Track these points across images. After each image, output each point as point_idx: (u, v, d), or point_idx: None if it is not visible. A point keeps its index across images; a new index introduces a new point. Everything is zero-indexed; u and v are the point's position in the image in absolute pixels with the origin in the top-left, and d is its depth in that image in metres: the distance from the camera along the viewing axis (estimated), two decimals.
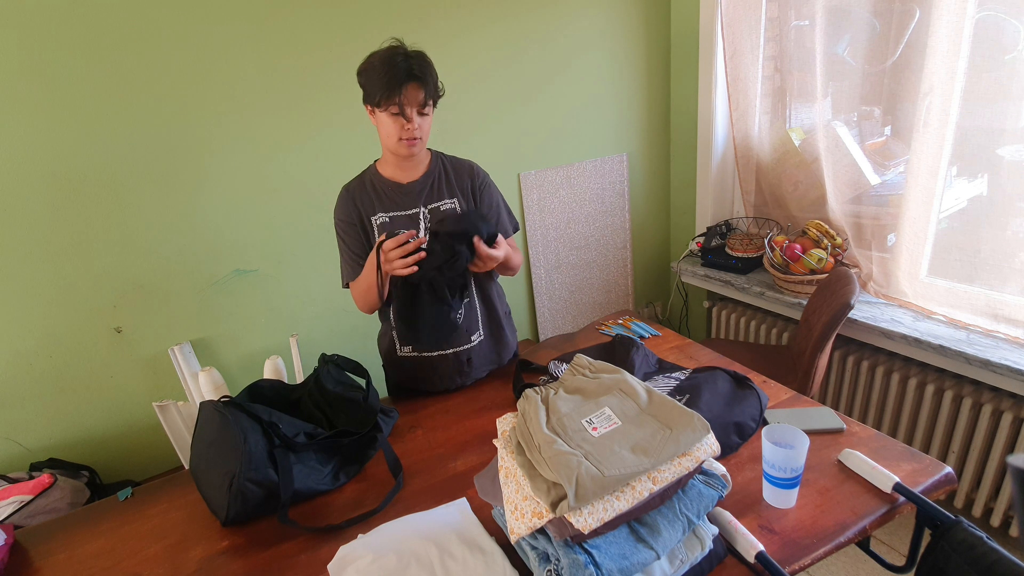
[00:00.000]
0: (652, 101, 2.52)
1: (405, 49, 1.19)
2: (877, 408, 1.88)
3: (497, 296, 1.48)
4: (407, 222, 1.34)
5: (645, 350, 1.41)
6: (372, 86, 1.19)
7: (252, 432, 1.02)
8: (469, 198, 1.38)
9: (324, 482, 1.08)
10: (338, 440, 1.11)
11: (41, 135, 1.52)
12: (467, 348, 1.41)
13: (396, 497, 1.07)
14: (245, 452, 0.99)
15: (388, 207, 1.33)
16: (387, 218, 1.33)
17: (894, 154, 1.92)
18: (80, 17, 1.49)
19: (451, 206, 1.34)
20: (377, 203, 1.33)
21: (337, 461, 1.12)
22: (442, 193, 1.35)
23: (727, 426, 1.07)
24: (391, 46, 1.19)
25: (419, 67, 1.18)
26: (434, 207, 1.34)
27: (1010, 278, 1.61)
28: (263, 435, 1.03)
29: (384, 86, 1.16)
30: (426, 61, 1.20)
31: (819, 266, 1.92)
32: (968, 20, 1.49)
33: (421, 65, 1.18)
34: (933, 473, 0.95)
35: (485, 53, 2.07)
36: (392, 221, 1.34)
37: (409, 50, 1.20)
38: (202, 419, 1.09)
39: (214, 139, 1.72)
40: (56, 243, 1.60)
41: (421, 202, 1.33)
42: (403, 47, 1.19)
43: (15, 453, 1.69)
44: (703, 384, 1.19)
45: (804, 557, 0.83)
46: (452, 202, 1.35)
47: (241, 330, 1.92)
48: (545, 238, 2.44)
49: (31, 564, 1.00)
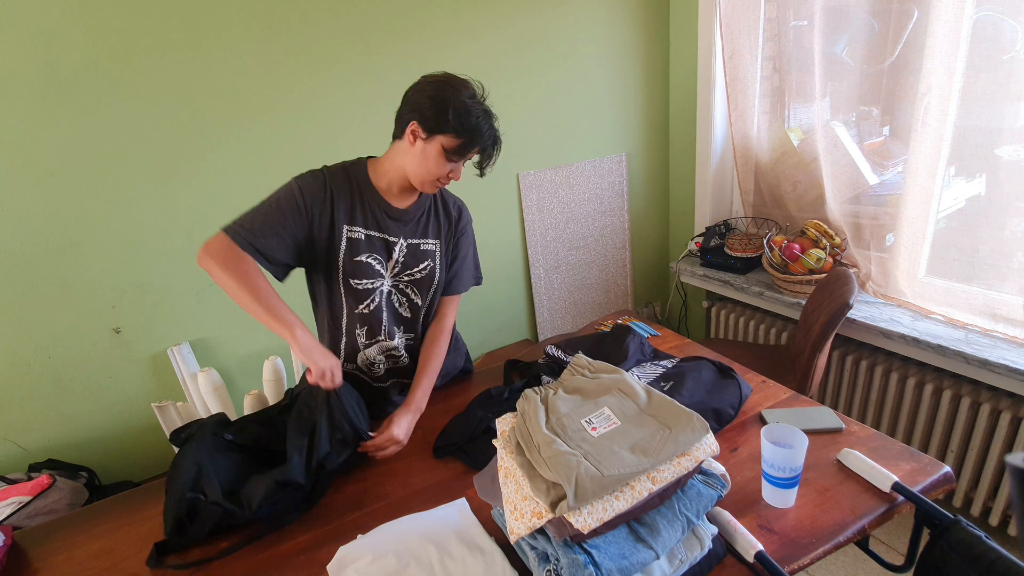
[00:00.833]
0: (651, 101, 2.52)
1: (489, 109, 1.16)
2: (876, 408, 1.89)
3: None
4: (383, 248, 1.21)
5: (641, 339, 1.42)
6: (458, 126, 1.09)
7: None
8: (447, 241, 1.29)
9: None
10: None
11: (40, 134, 1.52)
12: (408, 383, 1.31)
13: (396, 497, 1.07)
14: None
15: (371, 224, 1.19)
16: (363, 235, 1.19)
17: (892, 154, 1.92)
18: (80, 17, 1.49)
19: (432, 248, 1.27)
20: (359, 213, 1.18)
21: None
22: (427, 231, 1.26)
23: (706, 412, 1.12)
24: (480, 95, 1.14)
25: (495, 140, 1.17)
26: (414, 243, 1.24)
27: (1008, 278, 1.61)
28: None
29: (471, 138, 1.11)
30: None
31: (818, 266, 1.92)
32: (966, 20, 1.49)
33: (499, 137, 1.18)
34: (932, 472, 0.95)
35: (485, 53, 2.07)
36: (368, 242, 1.19)
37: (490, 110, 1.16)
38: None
39: (214, 138, 1.72)
40: (55, 243, 1.59)
41: (404, 233, 1.23)
42: (487, 105, 1.16)
43: (13, 454, 1.68)
44: (687, 372, 1.24)
45: (803, 557, 0.83)
46: (434, 244, 1.27)
47: (240, 331, 1.92)
48: (544, 238, 2.44)
49: (30, 565, 1.00)
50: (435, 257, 1.27)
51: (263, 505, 0.96)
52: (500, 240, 2.35)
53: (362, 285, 1.21)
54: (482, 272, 1.43)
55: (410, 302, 1.28)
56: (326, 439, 1.05)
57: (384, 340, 1.28)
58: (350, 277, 1.20)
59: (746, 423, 1.15)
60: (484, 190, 2.23)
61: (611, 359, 1.27)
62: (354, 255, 1.19)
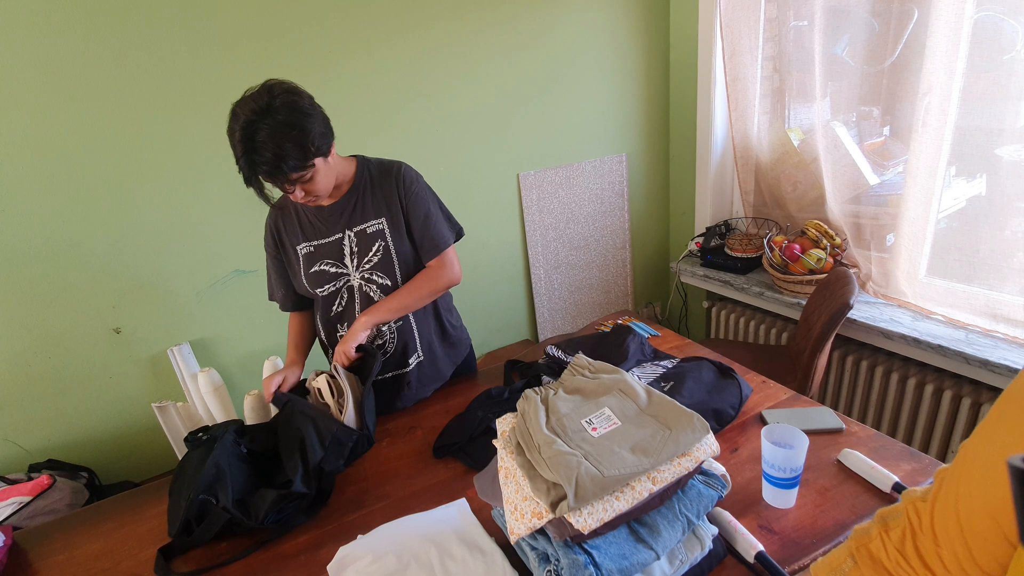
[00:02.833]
0: (651, 101, 2.52)
1: (254, 127, 1.01)
2: (876, 408, 1.88)
3: (445, 309, 1.42)
4: (332, 250, 1.25)
5: (641, 339, 1.42)
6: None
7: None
8: (397, 212, 1.25)
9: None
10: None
11: (41, 134, 1.52)
12: (405, 372, 1.35)
13: (396, 497, 1.06)
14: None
15: (310, 235, 1.25)
16: (311, 248, 1.25)
17: (893, 154, 1.92)
18: (80, 17, 1.49)
19: (378, 227, 1.24)
20: (300, 231, 1.26)
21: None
22: (367, 213, 1.24)
23: (706, 412, 1.11)
24: (244, 120, 1.01)
25: (269, 163, 1.03)
26: (360, 230, 1.24)
27: (1009, 278, 1.61)
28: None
29: (243, 174, 1.06)
30: (280, 146, 1.02)
31: (818, 266, 1.92)
32: (967, 20, 1.49)
33: (273, 160, 1.02)
34: (932, 473, 0.95)
35: (485, 53, 2.07)
36: (316, 251, 1.25)
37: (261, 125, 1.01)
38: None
39: (214, 138, 1.72)
40: (55, 243, 1.59)
41: (344, 225, 1.24)
42: (253, 123, 1.01)
43: (14, 454, 1.68)
44: (688, 372, 1.24)
45: (804, 557, 0.83)
46: (379, 223, 1.24)
47: (240, 331, 1.92)
48: (544, 238, 2.44)
49: (30, 565, 1.00)
50: (384, 235, 1.25)
51: (269, 513, 0.98)
52: (500, 240, 2.35)
53: (325, 291, 1.28)
54: (458, 222, 1.36)
55: (381, 286, 1.28)
56: (317, 445, 1.06)
57: None
58: (315, 288, 1.28)
59: (746, 423, 1.15)
60: (484, 190, 2.24)
61: (611, 359, 1.27)
62: (309, 268, 1.26)
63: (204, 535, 0.96)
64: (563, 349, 1.43)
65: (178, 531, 0.96)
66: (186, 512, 0.96)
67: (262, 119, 1.02)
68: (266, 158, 1.03)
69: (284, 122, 1.03)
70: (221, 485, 1.00)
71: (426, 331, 1.37)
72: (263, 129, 1.02)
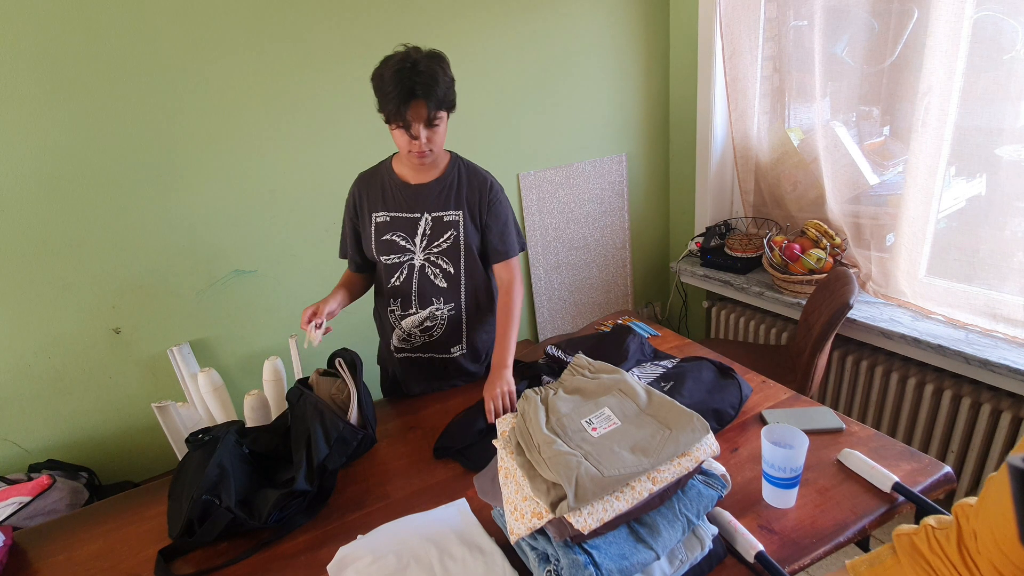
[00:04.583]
0: (651, 101, 2.52)
1: (415, 60, 1.13)
2: (876, 408, 1.88)
3: (492, 313, 1.45)
4: (407, 225, 1.32)
5: (641, 339, 1.42)
6: (380, 101, 1.17)
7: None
8: (476, 212, 1.34)
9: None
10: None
11: (41, 135, 1.51)
12: (447, 358, 1.42)
13: (396, 497, 1.07)
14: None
15: (391, 206, 1.33)
16: (388, 218, 1.33)
17: (893, 154, 1.92)
18: (80, 17, 1.49)
19: (455, 218, 1.32)
20: (381, 200, 1.34)
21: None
22: (449, 203, 1.33)
23: (706, 412, 1.12)
24: (402, 56, 1.14)
25: (425, 83, 1.13)
26: (438, 216, 1.32)
27: (1008, 277, 1.61)
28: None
29: (390, 103, 1.14)
30: (435, 73, 1.15)
31: (818, 266, 1.92)
32: (966, 20, 1.49)
33: (429, 81, 1.13)
34: (932, 473, 0.95)
35: (485, 53, 2.07)
36: (392, 222, 1.33)
37: (420, 58, 1.14)
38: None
39: (213, 139, 1.72)
40: (55, 243, 1.59)
41: (427, 208, 1.32)
42: (413, 57, 1.14)
43: (13, 454, 1.68)
44: (688, 372, 1.24)
45: (804, 557, 0.83)
46: (457, 214, 1.32)
47: (240, 331, 1.92)
48: (544, 238, 2.44)
49: (30, 565, 1.00)
50: (459, 227, 1.33)
51: (272, 513, 0.98)
52: None
53: (390, 260, 1.35)
54: (524, 239, 1.47)
55: (444, 272, 1.35)
56: (323, 442, 1.06)
57: (415, 312, 1.37)
58: (381, 255, 1.35)
59: (746, 423, 1.15)
60: None
61: (611, 359, 1.27)
62: (381, 236, 1.33)
63: (206, 535, 0.96)
64: (563, 349, 1.43)
65: (180, 532, 0.96)
66: (188, 512, 0.96)
67: (420, 56, 1.15)
68: (424, 78, 1.13)
69: (439, 63, 1.17)
70: (224, 485, 1.00)
71: (473, 332, 1.43)
72: (421, 61, 1.14)
